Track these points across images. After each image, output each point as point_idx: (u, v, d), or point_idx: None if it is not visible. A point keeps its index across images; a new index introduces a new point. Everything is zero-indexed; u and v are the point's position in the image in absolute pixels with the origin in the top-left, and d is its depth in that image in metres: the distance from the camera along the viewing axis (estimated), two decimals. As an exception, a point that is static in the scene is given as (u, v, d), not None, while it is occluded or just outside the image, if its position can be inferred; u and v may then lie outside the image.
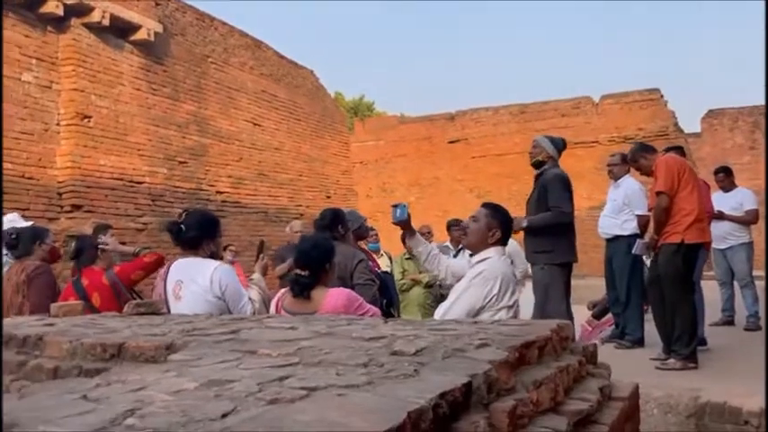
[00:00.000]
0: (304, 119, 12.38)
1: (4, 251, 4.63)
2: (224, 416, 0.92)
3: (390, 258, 6.95)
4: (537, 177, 4.43)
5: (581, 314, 6.40)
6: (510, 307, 2.73)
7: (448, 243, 6.79)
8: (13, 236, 3.86)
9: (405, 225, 3.18)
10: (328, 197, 12.87)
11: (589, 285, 9.13)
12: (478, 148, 16.29)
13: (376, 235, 6.81)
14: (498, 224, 2.89)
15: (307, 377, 1.17)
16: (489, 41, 71.63)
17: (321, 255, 2.72)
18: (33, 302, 3.41)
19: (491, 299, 2.71)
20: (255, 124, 10.87)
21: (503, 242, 2.91)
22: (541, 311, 4.04)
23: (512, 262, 4.99)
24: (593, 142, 14.90)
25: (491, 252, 2.83)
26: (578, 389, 1.57)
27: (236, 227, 9.82)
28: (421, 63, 64.72)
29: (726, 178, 6.19)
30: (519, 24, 73.12)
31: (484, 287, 2.71)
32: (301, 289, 2.66)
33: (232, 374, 1.22)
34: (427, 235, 6.96)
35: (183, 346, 1.64)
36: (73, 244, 4.05)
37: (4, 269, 4.34)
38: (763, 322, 5.60)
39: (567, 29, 75.25)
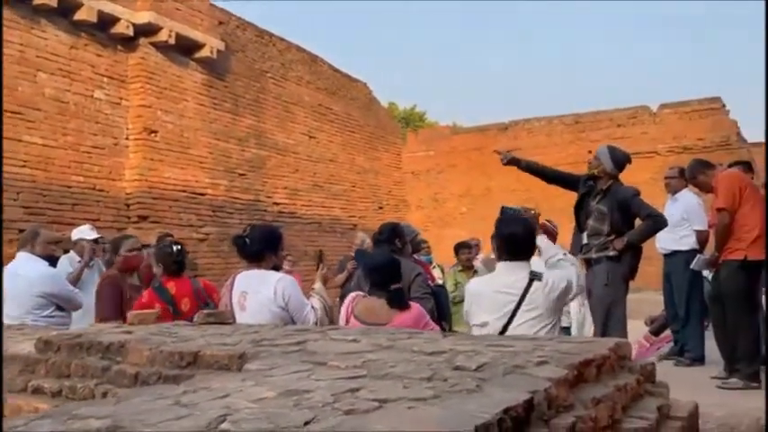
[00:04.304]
0: (358, 131, 12.59)
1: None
2: (306, 424, 1.01)
3: (442, 270, 6.99)
4: (595, 188, 4.31)
5: (638, 330, 6.29)
6: (479, 326, 2.71)
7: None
8: (104, 246, 4.13)
9: None
10: (380, 208, 13.02)
11: (644, 299, 8.93)
12: (532, 158, 16.10)
13: (428, 247, 6.88)
14: (496, 239, 2.90)
15: (377, 389, 1.25)
16: (542, 50, 70.81)
17: (398, 268, 2.92)
18: (98, 311, 3.71)
19: (467, 315, 2.85)
20: (311, 137, 11.13)
21: (504, 256, 2.83)
22: (602, 332, 3.96)
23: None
24: (651, 153, 14.53)
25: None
26: (636, 407, 1.59)
27: (291, 237, 10.05)
28: (473, 72, 64.52)
29: None
30: (573, 32, 72.05)
31: (465, 302, 2.89)
32: (401, 300, 2.83)
33: (307, 385, 1.31)
34: (475, 247, 6.97)
35: (255, 356, 1.75)
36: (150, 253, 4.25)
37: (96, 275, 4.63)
38: None
39: (624, 37, 73.72)
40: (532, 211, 3.21)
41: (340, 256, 6.47)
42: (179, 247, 3.63)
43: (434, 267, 6.40)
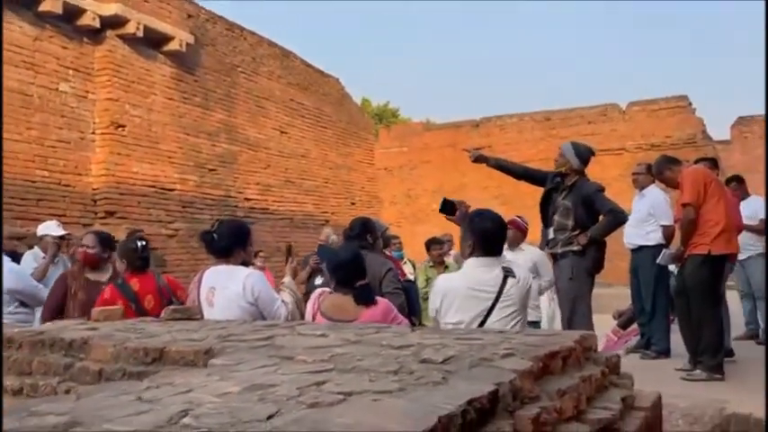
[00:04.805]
0: (330, 126, 12.54)
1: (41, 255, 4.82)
2: (269, 418, 1.00)
3: (414, 266, 7.01)
4: (562, 184, 4.36)
5: (607, 323, 6.39)
6: (455, 324, 2.63)
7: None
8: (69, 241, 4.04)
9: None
10: (353, 204, 12.99)
11: (614, 294, 9.08)
12: (503, 155, 16.10)
13: (399, 243, 6.88)
14: (470, 235, 2.78)
15: (342, 383, 1.24)
16: (515, 48, 71.42)
17: (363, 264, 2.87)
18: (44, 310, 3.66)
19: (436, 313, 2.75)
20: (283, 132, 11.04)
21: (478, 252, 2.73)
22: (568, 325, 4.02)
23: (537, 273, 5.03)
24: (620, 150, 14.78)
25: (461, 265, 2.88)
26: (601, 398, 1.61)
27: (263, 233, 9.98)
28: (446, 69, 64.76)
29: (738, 187, 6.08)
30: (545, 31, 72.78)
31: (432, 300, 2.80)
32: (368, 295, 2.78)
33: (272, 379, 1.30)
34: (448, 243, 7.00)
35: (221, 352, 1.73)
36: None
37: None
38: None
39: (594, 35, 74.69)
40: (464, 205, 3.21)
41: (312, 252, 6.43)
42: (143, 242, 3.56)
43: (405, 263, 6.41)
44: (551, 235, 4.28)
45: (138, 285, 3.40)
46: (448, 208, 3.20)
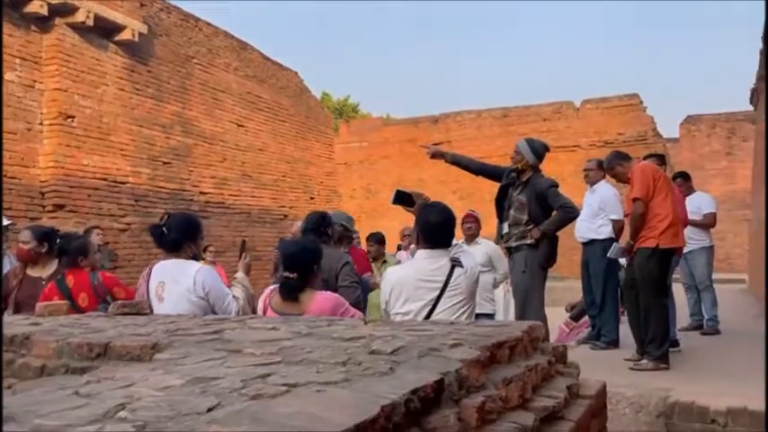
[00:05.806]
0: (288, 120, 12.41)
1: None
2: (209, 410, 0.98)
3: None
4: (517, 180, 4.43)
5: (559, 316, 6.52)
6: (403, 314, 2.67)
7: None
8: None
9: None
10: (312, 198, 12.91)
11: (567, 287, 9.28)
12: (461, 150, 16.30)
13: (357, 237, 6.85)
14: (416, 227, 2.85)
15: (288, 375, 1.22)
16: (474, 46, 72.06)
17: (308, 257, 2.75)
18: None
19: (386, 304, 2.78)
20: (239, 125, 10.88)
21: (423, 244, 2.80)
22: (521, 317, 4.09)
23: (492, 266, 5.10)
24: (574, 146, 15.10)
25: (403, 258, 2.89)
26: (547, 387, 1.64)
27: (219, 227, 9.84)
28: (406, 65, 64.86)
29: (684, 183, 6.30)
30: (504, 29, 73.62)
31: (382, 292, 2.82)
32: (289, 291, 2.70)
33: (217, 372, 1.27)
34: (407, 237, 7.02)
35: (168, 346, 1.69)
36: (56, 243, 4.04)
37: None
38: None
39: (551, 35, 75.95)
40: (423, 196, 3.21)
41: (269, 246, 6.37)
42: (58, 236, 3.50)
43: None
44: (506, 229, 4.35)
45: (72, 282, 3.32)
46: (404, 199, 3.19)
